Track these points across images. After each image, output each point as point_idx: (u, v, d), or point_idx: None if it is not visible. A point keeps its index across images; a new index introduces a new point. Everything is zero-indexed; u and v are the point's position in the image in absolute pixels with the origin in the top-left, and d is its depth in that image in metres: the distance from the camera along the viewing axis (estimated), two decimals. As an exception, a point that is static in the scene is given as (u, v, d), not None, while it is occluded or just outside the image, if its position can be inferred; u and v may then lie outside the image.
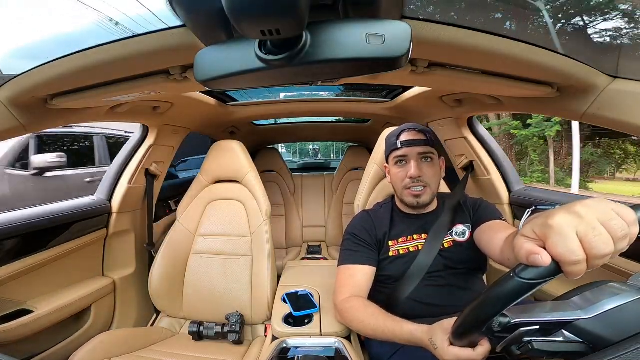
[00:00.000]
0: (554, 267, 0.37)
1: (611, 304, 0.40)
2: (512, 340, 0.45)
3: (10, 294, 0.94)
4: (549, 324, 0.43)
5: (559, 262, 0.36)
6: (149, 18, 0.54)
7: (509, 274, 0.40)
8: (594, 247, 0.35)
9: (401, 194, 0.94)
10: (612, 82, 0.63)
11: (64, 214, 1.09)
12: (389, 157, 0.98)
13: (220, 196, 1.34)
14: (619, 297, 0.40)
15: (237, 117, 1.73)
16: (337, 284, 0.90)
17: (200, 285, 1.25)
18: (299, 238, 2.38)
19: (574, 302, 0.43)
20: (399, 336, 0.68)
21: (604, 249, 0.35)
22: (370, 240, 0.93)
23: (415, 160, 0.89)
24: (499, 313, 0.43)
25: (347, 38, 0.37)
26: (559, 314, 0.42)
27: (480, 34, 0.54)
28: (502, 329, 0.44)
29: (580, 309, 0.41)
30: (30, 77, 0.66)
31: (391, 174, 0.97)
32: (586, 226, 0.35)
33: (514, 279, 0.39)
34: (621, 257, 0.77)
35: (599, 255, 0.35)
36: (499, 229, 0.79)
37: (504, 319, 0.44)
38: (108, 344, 0.97)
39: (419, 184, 0.89)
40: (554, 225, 0.37)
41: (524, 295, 0.39)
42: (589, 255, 0.35)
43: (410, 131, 0.93)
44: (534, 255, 0.37)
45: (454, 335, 0.54)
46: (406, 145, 0.91)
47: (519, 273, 0.39)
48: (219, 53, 0.42)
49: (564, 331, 0.42)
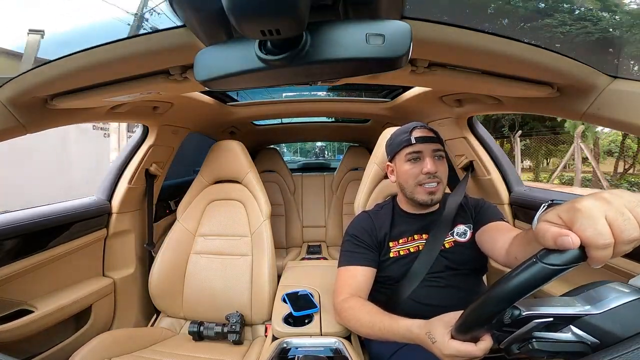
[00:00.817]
0: (579, 253, 0.36)
1: (619, 300, 0.39)
2: (520, 334, 0.44)
3: (10, 294, 0.94)
4: (559, 318, 0.42)
5: (586, 245, 0.36)
6: (149, 18, 0.54)
7: (531, 260, 0.39)
8: (624, 231, 0.34)
9: (412, 191, 0.90)
10: (612, 82, 0.63)
11: (64, 214, 1.09)
12: (399, 153, 0.93)
13: (220, 196, 1.34)
14: (626, 295, 0.40)
15: (237, 117, 1.73)
16: (337, 285, 0.90)
17: (201, 285, 1.25)
18: (299, 238, 2.38)
19: (581, 298, 0.43)
20: (396, 332, 0.68)
21: (633, 233, 0.35)
22: (371, 242, 0.93)
23: (430, 157, 0.88)
24: (516, 301, 0.42)
25: (347, 38, 0.37)
26: (570, 308, 0.42)
27: (480, 34, 0.54)
28: (513, 322, 0.43)
29: (589, 304, 0.41)
30: (30, 77, 0.66)
31: (401, 171, 0.93)
32: (615, 211, 0.35)
33: (537, 264, 0.38)
34: (621, 257, 0.77)
35: (627, 239, 0.35)
36: (502, 230, 0.79)
37: (515, 311, 0.43)
38: (108, 344, 0.97)
39: (434, 180, 0.87)
40: (582, 209, 0.36)
41: (547, 283, 0.38)
42: (617, 240, 0.35)
43: (422, 128, 0.91)
44: (563, 237, 0.36)
45: (459, 328, 0.53)
46: (421, 141, 0.89)
47: (542, 258, 0.38)
48: (219, 53, 0.42)
49: (572, 327, 0.41)
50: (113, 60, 0.60)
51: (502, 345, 0.47)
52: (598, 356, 0.36)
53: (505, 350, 0.46)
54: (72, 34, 0.65)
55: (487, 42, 0.55)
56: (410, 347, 0.76)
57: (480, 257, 0.87)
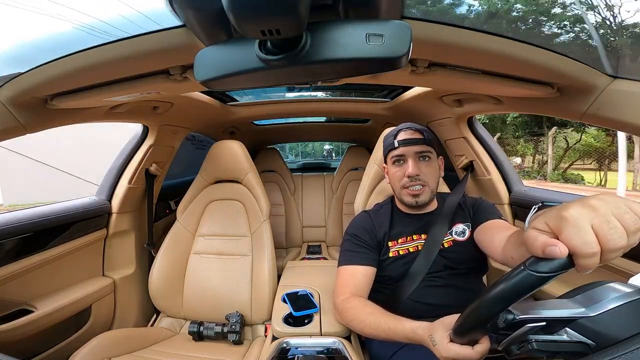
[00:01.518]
0: (566, 261, 0.36)
1: (616, 302, 0.39)
2: (516, 337, 0.44)
3: (10, 294, 0.94)
4: (554, 321, 0.42)
5: (573, 254, 0.36)
6: (149, 18, 0.54)
7: (520, 267, 0.40)
8: (610, 240, 0.34)
9: (399, 193, 0.94)
10: (612, 82, 0.63)
11: (64, 214, 1.09)
12: (387, 157, 0.98)
13: (220, 196, 1.34)
14: (623, 296, 0.39)
15: (237, 117, 1.73)
16: (337, 284, 0.90)
17: (200, 285, 1.25)
18: (299, 238, 2.38)
19: (577, 300, 0.43)
20: (401, 334, 0.68)
21: (619, 242, 0.35)
22: (371, 241, 0.93)
23: (413, 159, 0.89)
24: (507, 308, 0.42)
25: (347, 38, 0.37)
26: (564, 311, 0.42)
27: (480, 34, 0.54)
28: (507, 326, 0.44)
29: (585, 306, 0.41)
30: (30, 77, 0.66)
31: (389, 173, 0.97)
32: (601, 219, 0.35)
33: (525, 271, 0.39)
34: (621, 257, 0.77)
35: (613, 248, 0.35)
36: (500, 229, 0.79)
37: (509, 315, 0.43)
38: (108, 344, 0.98)
39: (417, 182, 0.89)
40: (569, 218, 0.36)
41: (534, 290, 0.38)
42: (603, 248, 0.35)
43: (407, 130, 0.93)
44: (551, 247, 0.36)
45: (456, 331, 0.53)
46: (403, 144, 0.90)
47: (530, 266, 0.38)
48: (219, 53, 0.42)
49: (568, 329, 0.41)
50: (113, 60, 0.60)
51: (500, 347, 0.47)
52: (598, 356, 0.36)
53: (505, 351, 0.46)
54: (72, 34, 0.65)
55: (487, 42, 0.55)
56: (410, 347, 0.76)
57: (480, 256, 0.87)
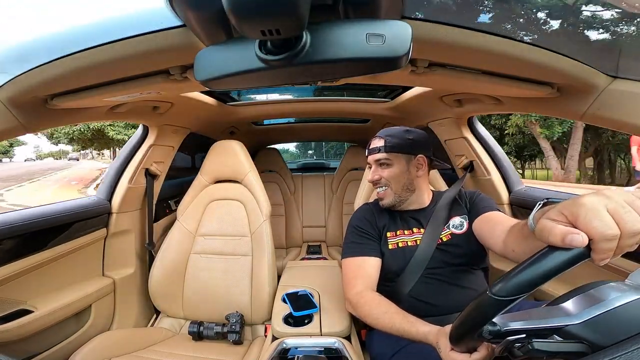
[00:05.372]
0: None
1: (604, 307, 0.39)
2: (501, 350, 0.44)
3: (10, 294, 0.94)
4: (539, 330, 0.42)
5: (593, 239, 0.36)
6: (149, 18, 0.54)
7: (484, 294, 0.42)
8: (627, 222, 0.35)
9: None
10: (612, 82, 0.63)
11: (64, 214, 1.09)
12: None
13: (220, 196, 1.34)
14: (614, 300, 0.39)
15: (237, 117, 1.73)
16: (346, 276, 0.91)
17: (200, 285, 1.25)
18: (299, 238, 2.38)
19: (566, 306, 0.43)
20: (414, 337, 0.69)
21: (636, 224, 0.35)
22: (374, 232, 0.95)
23: (375, 166, 0.98)
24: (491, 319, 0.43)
25: (347, 38, 0.37)
26: (548, 321, 0.42)
27: (480, 34, 0.54)
28: (493, 337, 0.44)
29: (572, 313, 0.41)
30: (30, 77, 0.66)
31: None
32: (615, 204, 0.36)
33: (486, 295, 0.40)
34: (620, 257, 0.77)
35: (631, 231, 0.35)
36: (498, 221, 0.80)
37: (493, 327, 0.43)
38: (108, 344, 0.98)
39: (379, 185, 0.97)
40: (586, 203, 0.37)
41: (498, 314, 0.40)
42: (622, 231, 0.35)
43: (375, 138, 1.00)
44: (572, 235, 0.36)
45: (451, 340, 0.54)
46: (369, 153, 1.00)
47: (493, 288, 0.40)
48: (219, 53, 0.42)
49: (556, 336, 0.41)
50: (113, 60, 0.60)
51: (497, 352, 0.47)
52: (598, 356, 0.36)
53: (508, 351, 0.47)
54: (72, 34, 0.65)
55: (487, 42, 0.55)
56: (410, 347, 0.76)
57: (479, 250, 0.87)
